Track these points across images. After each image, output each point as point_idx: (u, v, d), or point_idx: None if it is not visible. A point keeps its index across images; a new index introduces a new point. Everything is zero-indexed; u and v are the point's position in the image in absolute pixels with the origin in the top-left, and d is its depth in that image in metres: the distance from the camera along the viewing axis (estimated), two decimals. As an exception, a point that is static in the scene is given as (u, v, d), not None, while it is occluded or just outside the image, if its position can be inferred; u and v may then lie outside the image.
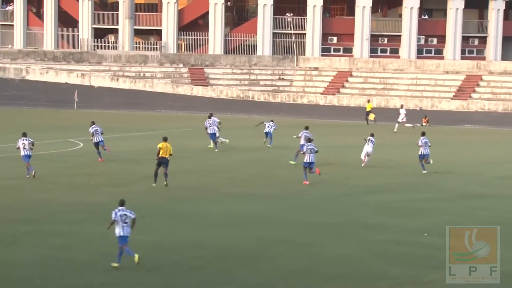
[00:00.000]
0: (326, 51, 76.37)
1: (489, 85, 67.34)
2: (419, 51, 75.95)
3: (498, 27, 76.11)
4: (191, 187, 25.67)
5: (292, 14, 75.58)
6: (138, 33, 78.74)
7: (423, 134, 31.10)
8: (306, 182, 27.06)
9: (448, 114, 62.30)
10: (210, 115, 37.11)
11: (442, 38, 76.28)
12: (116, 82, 68.57)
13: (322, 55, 75.24)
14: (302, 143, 31.70)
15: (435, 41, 76.58)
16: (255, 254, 17.26)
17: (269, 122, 38.97)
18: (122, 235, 15.99)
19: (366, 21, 74.88)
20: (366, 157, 31.86)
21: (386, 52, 76.73)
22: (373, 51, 75.98)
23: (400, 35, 75.88)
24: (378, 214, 21.98)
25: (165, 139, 26.02)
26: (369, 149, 31.75)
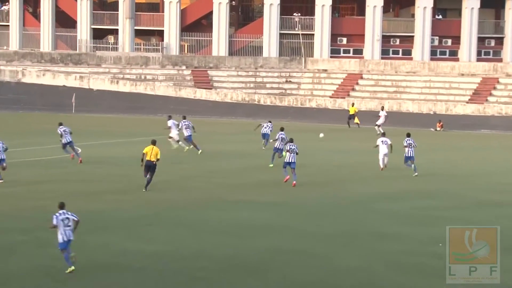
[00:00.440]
0: (335, 53, 76.47)
1: (506, 88, 67.28)
2: (433, 53, 75.97)
3: (516, 27, 76.17)
4: (192, 194, 25.75)
5: (299, 14, 75.72)
6: (139, 33, 79.00)
7: (408, 135, 31.90)
8: (287, 177, 27.97)
9: (463, 119, 62.24)
10: (184, 117, 38.69)
11: (457, 39, 76.28)
12: (116, 85, 68.77)
13: (331, 57, 75.34)
14: (276, 146, 33.08)
15: (450, 42, 76.61)
16: (260, 265, 17.32)
17: (266, 123, 39.70)
18: (65, 241, 16.30)
19: (377, 21, 74.97)
20: (385, 158, 32.49)
21: (398, 53, 76.78)
22: (384, 53, 76.05)
23: (413, 36, 75.94)
24: (389, 223, 22.00)
25: (153, 142, 26.61)
26: (385, 150, 32.38)
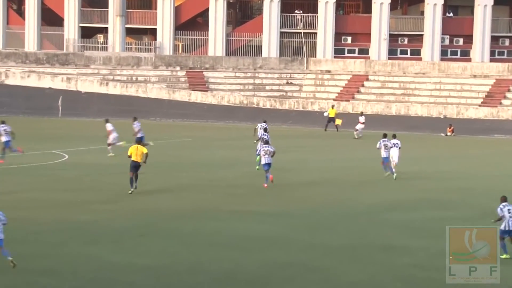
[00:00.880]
0: (339, 53, 76.49)
1: (521, 90, 67.42)
2: (443, 53, 76.01)
3: (532, 26, 76.28)
4: (188, 204, 25.66)
5: (301, 12, 75.75)
6: (130, 32, 78.99)
7: (385, 136, 33.19)
8: (265, 185, 29.33)
9: (475, 123, 62.24)
10: (134, 118, 40.03)
11: (469, 38, 76.33)
12: (105, 87, 68.73)
13: (335, 57, 75.37)
14: (258, 147, 34.48)
15: (461, 41, 76.64)
16: (260, 279, 17.21)
17: (261, 123, 40.99)
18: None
19: (384, 19, 75.01)
20: (394, 163, 33.28)
21: (407, 53, 76.82)
22: (392, 53, 76.10)
23: (422, 35, 75.98)
24: (399, 235, 21.91)
25: (137, 142, 28.00)
26: (394, 153, 33.27)
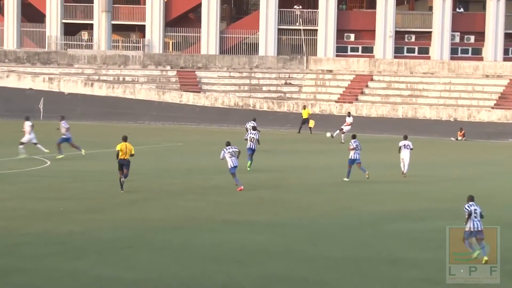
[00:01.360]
0: (341, 51, 76.62)
1: (537, 91, 67.58)
2: (453, 51, 76.18)
3: (548, 22, 76.48)
4: (180, 214, 25.67)
5: (301, 7, 75.84)
6: (117, 29, 79.01)
7: (354, 137, 33.89)
8: (241, 188, 30.58)
9: (488, 126, 62.30)
10: (62, 117, 41.11)
11: (481, 35, 76.50)
12: (90, 87, 68.74)
13: (337, 56, 75.49)
14: (248, 146, 36.72)
15: (472, 38, 76.81)
16: (257, 295, 17.24)
17: (250, 122, 42.84)
18: None
19: (390, 14, 75.15)
20: (405, 166, 34.71)
21: (414, 52, 76.97)
22: (398, 51, 76.24)
23: (430, 32, 76.14)
24: (406, 247, 21.93)
25: (124, 139, 28.89)
26: (406, 155, 34.50)
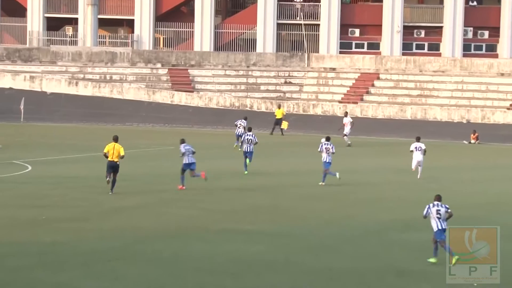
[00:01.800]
0: (345, 47, 76.65)
1: (556, 91, 67.62)
2: (466, 47, 76.22)
3: None
4: (171, 222, 25.66)
5: (301, 0, 75.86)
6: (104, 24, 79.02)
7: (328, 139, 34.89)
8: (182, 187, 31.58)
9: (503, 129, 62.34)
10: None
11: (496, 31, 76.56)
12: (75, 87, 68.72)
13: (341, 53, 75.51)
14: (245, 149, 37.61)
15: (487, 34, 76.87)
16: (255, 310, 17.23)
17: (240, 120, 45.85)
18: None
19: (398, 8, 75.22)
20: (418, 167, 36.06)
21: (424, 48, 77.01)
22: (406, 47, 76.29)
23: (441, 27, 76.21)
24: (414, 258, 21.94)
25: (115, 139, 29.32)
26: (419, 157, 35.85)
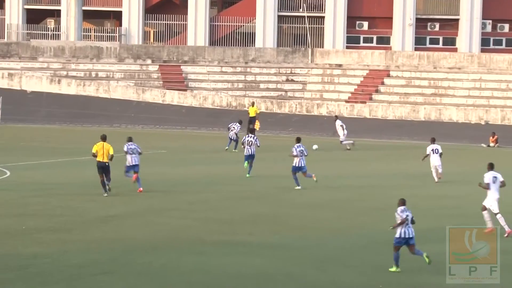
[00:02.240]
0: (353, 42, 76.69)
1: None
2: (485, 42, 76.27)
3: None
4: (163, 233, 25.71)
5: (305, -10, 75.89)
6: (89, 16, 79.04)
7: (298, 141, 35.30)
8: (140, 189, 32.40)
9: (525, 131, 62.38)
10: None
11: (516, 24, 76.59)
12: (57, 85, 68.76)
13: (348, 48, 75.55)
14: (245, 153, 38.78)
15: (507, 27, 76.96)
16: (252, 327, 17.32)
17: (234, 124, 48.23)
18: None
19: (410, -1, 75.22)
20: (438, 169, 37.17)
21: (438, 43, 77.05)
22: (419, 42, 76.33)
23: (457, 20, 76.24)
24: (429, 272, 22.02)
25: (103, 138, 30.25)
26: (436, 161, 36.98)
